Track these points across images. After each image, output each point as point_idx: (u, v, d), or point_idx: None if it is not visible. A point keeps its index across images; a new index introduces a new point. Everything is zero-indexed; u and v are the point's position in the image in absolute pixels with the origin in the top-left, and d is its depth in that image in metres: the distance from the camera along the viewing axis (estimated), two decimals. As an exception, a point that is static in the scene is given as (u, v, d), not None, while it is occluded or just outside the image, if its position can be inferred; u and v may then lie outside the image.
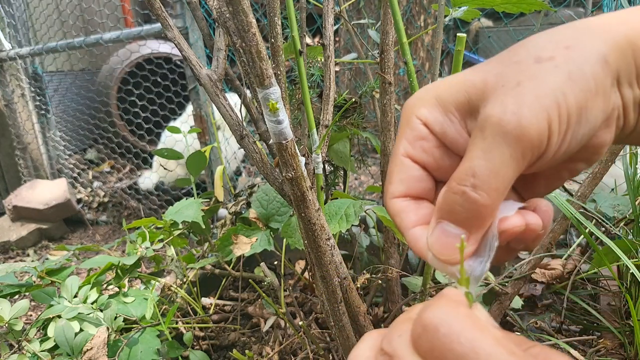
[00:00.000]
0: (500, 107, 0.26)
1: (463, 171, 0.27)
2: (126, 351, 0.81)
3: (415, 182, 0.32)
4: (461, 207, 0.27)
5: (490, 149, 0.26)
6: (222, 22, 0.61)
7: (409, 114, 0.31)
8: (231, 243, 0.98)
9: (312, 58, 0.93)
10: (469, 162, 0.27)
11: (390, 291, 0.94)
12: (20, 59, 2.28)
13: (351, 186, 2.41)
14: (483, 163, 0.26)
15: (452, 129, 0.30)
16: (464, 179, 0.27)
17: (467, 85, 0.29)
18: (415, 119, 0.31)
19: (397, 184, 0.32)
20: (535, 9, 0.77)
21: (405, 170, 0.31)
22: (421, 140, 0.31)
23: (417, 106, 0.31)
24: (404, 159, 0.31)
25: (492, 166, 0.26)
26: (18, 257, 2.09)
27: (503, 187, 0.27)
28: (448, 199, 0.28)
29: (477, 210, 0.27)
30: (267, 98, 0.46)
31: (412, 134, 0.31)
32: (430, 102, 0.30)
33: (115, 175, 2.99)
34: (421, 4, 2.77)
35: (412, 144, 0.31)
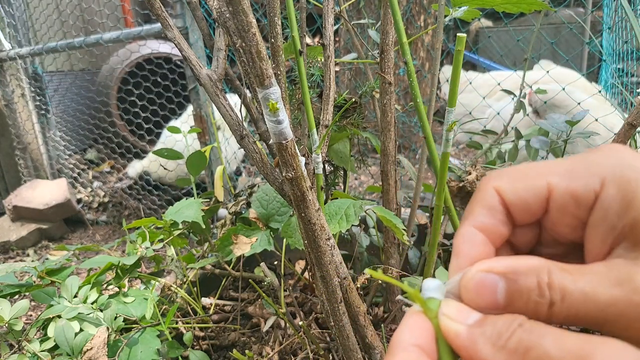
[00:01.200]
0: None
1: (561, 283, 0.24)
2: (126, 351, 0.81)
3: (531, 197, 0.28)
4: (526, 297, 0.25)
5: (607, 311, 0.23)
6: (222, 22, 0.61)
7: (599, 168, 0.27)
8: (231, 243, 0.98)
9: (312, 58, 0.93)
10: (575, 285, 0.24)
11: (390, 291, 0.94)
12: (20, 59, 2.28)
13: (351, 186, 2.41)
14: (583, 305, 0.24)
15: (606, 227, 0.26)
16: (554, 289, 0.24)
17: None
18: (596, 179, 0.26)
19: (510, 184, 0.29)
20: (535, 9, 0.77)
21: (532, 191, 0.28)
22: (573, 200, 0.27)
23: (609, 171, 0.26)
24: (543, 185, 0.28)
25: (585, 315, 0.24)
26: (18, 257, 2.09)
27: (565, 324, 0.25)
28: (528, 279, 0.25)
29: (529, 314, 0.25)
30: (267, 98, 0.46)
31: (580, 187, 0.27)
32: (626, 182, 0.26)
33: (115, 175, 2.99)
34: (421, 4, 2.77)
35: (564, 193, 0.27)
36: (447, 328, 0.25)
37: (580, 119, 1.06)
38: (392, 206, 0.89)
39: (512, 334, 0.23)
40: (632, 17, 0.84)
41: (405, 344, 0.25)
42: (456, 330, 0.25)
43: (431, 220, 1.07)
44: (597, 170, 0.27)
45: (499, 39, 4.03)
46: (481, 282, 0.26)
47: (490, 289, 0.26)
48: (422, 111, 0.59)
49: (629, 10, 0.82)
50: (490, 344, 0.24)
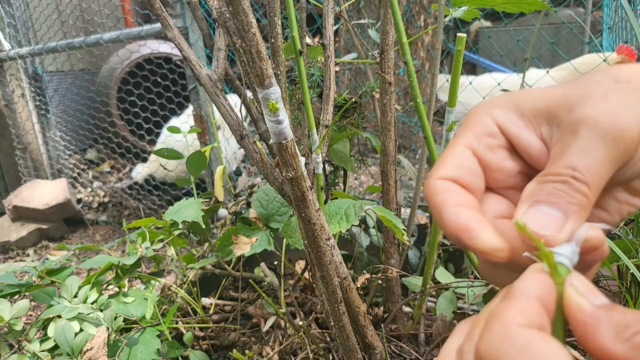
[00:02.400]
0: (594, 111, 0.28)
1: (561, 165, 0.28)
2: (126, 351, 0.81)
3: (468, 174, 0.31)
4: (564, 192, 0.28)
5: (588, 148, 0.27)
6: (222, 22, 0.61)
7: (480, 113, 0.32)
8: (231, 243, 0.98)
9: (312, 58, 0.93)
10: (565, 159, 0.28)
11: (390, 291, 0.94)
12: (20, 59, 2.28)
13: (351, 186, 2.41)
14: (582, 159, 0.27)
15: (526, 133, 0.31)
16: (562, 172, 0.28)
17: (545, 96, 0.30)
18: (487, 117, 0.32)
19: (450, 169, 0.31)
20: (535, 8, 0.77)
21: (463, 160, 0.31)
22: (489, 137, 0.32)
23: (491, 107, 0.32)
24: (465, 149, 0.32)
25: (591, 162, 0.27)
26: (18, 257, 2.09)
27: (600, 184, 0.28)
28: (547, 186, 0.28)
29: (580, 198, 0.27)
30: (267, 98, 0.46)
31: (480, 129, 0.32)
32: (506, 105, 0.32)
33: (115, 175, 2.99)
34: (421, 4, 2.77)
35: (479, 138, 0.32)
36: (572, 299, 0.25)
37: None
38: (392, 206, 0.89)
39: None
40: (632, 17, 0.84)
41: (528, 293, 0.25)
42: (580, 304, 0.25)
43: (431, 220, 1.07)
44: (478, 114, 0.32)
45: (499, 39, 4.03)
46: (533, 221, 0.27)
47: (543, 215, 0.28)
48: (422, 111, 0.59)
49: (629, 10, 0.82)
50: (614, 331, 0.23)
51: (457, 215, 0.29)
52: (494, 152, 0.32)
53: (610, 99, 0.28)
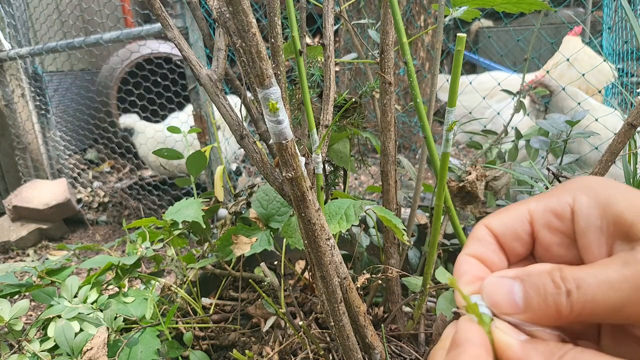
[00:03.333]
0: None
1: (574, 275, 0.26)
2: (126, 351, 0.81)
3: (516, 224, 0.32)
4: (543, 292, 0.27)
5: (619, 288, 0.25)
6: (222, 22, 0.61)
7: (567, 189, 0.30)
8: (231, 243, 0.98)
9: (312, 58, 0.93)
10: (586, 273, 0.26)
11: (390, 291, 0.94)
12: (20, 59, 2.28)
13: (351, 186, 2.41)
14: (597, 288, 0.26)
15: (594, 238, 0.29)
16: (568, 280, 0.26)
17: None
18: (568, 196, 0.30)
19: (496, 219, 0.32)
20: (535, 8, 0.77)
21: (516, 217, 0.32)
22: (555, 217, 0.30)
23: (580, 190, 0.30)
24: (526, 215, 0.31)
25: (602, 298, 0.26)
26: (18, 257, 2.09)
27: (592, 318, 0.26)
28: (541, 277, 0.27)
29: (551, 309, 0.27)
30: (267, 98, 0.46)
31: (552, 204, 0.30)
32: (595, 197, 0.29)
33: (115, 175, 2.99)
34: (421, 4, 2.77)
35: (544, 213, 0.31)
36: (500, 339, 0.27)
37: (581, 118, 1.06)
38: (392, 206, 0.89)
39: (566, 353, 0.25)
40: (632, 17, 0.84)
41: (473, 342, 0.27)
42: (508, 342, 0.27)
43: (431, 220, 1.07)
44: (566, 189, 0.30)
45: (499, 39, 4.03)
46: (498, 285, 0.28)
47: (507, 291, 0.28)
48: (422, 111, 0.59)
49: (629, 10, 0.82)
50: (544, 358, 0.25)
51: (462, 263, 0.32)
52: (551, 233, 0.31)
53: None
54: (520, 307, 0.27)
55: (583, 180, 0.30)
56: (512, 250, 0.32)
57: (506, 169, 0.95)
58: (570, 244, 0.30)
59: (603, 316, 0.26)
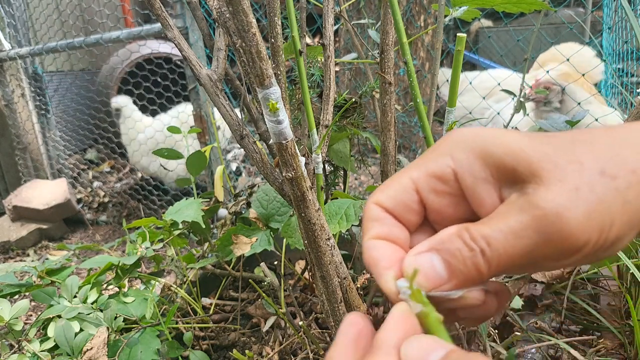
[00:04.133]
0: (551, 203, 0.26)
1: (482, 233, 0.27)
2: (126, 351, 0.81)
3: (402, 209, 0.32)
4: (463, 259, 0.28)
5: (519, 235, 0.26)
6: (222, 22, 0.61)
7: (443, 149, 0.31)
8: (231, 243, 0.98)
9: (312, 58, 0.93)
10: (492, 229, 0.27)
11: (390, 291, 0.94)
12: (20, 59, 2.28)
13: (351, 186, 2.41)
14: (503, 242, 0.27)
15: (482, 189, 0.29)
16: (478, 240, 0.27)
17: (520, 154, 0.28)
18: (447, 158, 0.30)
19: (388, 198, 0.32)
20: (535, 8, 0.77)
21: (403, 193, 0.31)
22: (438, 182, 0.31)
23: (457, 147, 0.30)
24: (410, 183, 0.31)
25: (510, 249, 0.26)
26: (18, 257, 2.09)
27: (503, 270, 0.27)
28: (454, 243, 0.28)
29: (473, 273, 0.27)
30: (267, 98, 0.46)
31: (434, 169, 0.31)
32: (473, 150, 0.29)
33: (115, 175, 2.99)
34: (421, 4, 2.77)
35: (427, 179, 0.31)
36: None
37: (581, 118, 1.06)
38: (392, 206, 0.89)
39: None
40: (632, 17, 0.84)
41: (388, 345, 0.27)
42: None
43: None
44: (441, 149, 0.31)
45: (499, 39, 4.03)
46: (418, 264, 0.28)
47: (429, 266, 0.28)
48: (422, 111, 0.59)
49: (629, 10, 0.82)
50: None
51: (372, 248, 0.31)
52: (439, 197, 0.31)
53: (578, 197, 0.26)
54: (444, 277, 0.28)
55: (455, 135, 0.31)
56: (408, 222, 0.32)
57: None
58: (460, 202, 0.31)
59: (519, 265, 0.27)
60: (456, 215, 0.31)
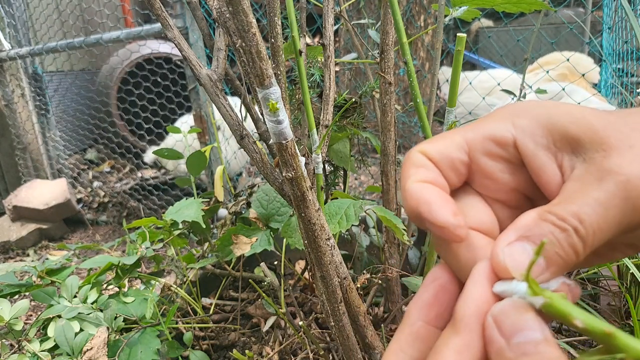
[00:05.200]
0: (629, 168, 0.25)
1: (569, 211, 0.26)
2: (126, 351, 0.81)
3: (447, 166, 0.30)
4: (558, 242, 0.26)
5: (606, 205, 0.25)
6: (222, 22, 0.61)
7: (504, 114, 0.30)
8: (231, 243, 0.98)
9: (312, 58, 0.93)
10: (577, 204, 0.26)
11: (390, 291, 0.94)
12: (20, 59, 2.28)
13: (351, 186, 2.41)
14: (594, 215, 0.25)
15: (543, 155, 0.28)
16: (568, 219, 0.25)
17: (582, 121, 0.27)
18: (508, 123, 0.29)
19: (436, 151, 0.30)
20: (535, 8, 0.77)
21: (453, 150, 0.30)
22: (495, 145, 0.29)
23: (519, 114, 0.29)
24: (463, 143, 0.30)
25: (602, 222, 0.25)
26: (18, 257, 2.09)
27: (598, 245, 0.26)
28: (545, 226, 0.26)
29: (571, 255, 0.26)
30: (267, 98, 0.46)
31: (492, 131, 0.29)
32: (537, 117, 0.29)
33: (115, 175, 2.99)
34: (421, 4, 2.77)
35: (483, 141, 0.29)
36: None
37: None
38: (392, 206, 0.89)
39: None
40: (632, 17, 0.84)
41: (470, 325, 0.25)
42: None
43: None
44: (501, 115, 0.30)
45: (499, 39, 4.03)
46: (515, 255, 0.26)
47: (525, 257, 0.26)
48: (422, 111, 0.59)
49: (629, 10, 0.82)
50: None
51: (421, 189, 0.28)
52: (493, 161, 0.30)
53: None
54: (543, 266, 0.26)
55: (517, 105, 0.30)
56: (448, 180, 0.30)
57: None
58: (515, 169, 0.30)
59: (611, 238, 0.26)
60: (507, 183, 0.30)
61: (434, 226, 0.28)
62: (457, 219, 0.27)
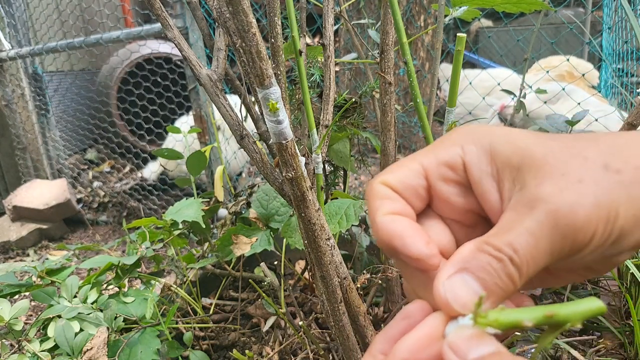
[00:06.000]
0: (559, 197, 0.26)
1: (504, 241, 0.27)
2: (126, 351, 0.81)
3: (410, 193, 0.31)
4: (495, 272, 0.27)
5: (539, 235, 0.26)
6: (222, 22, 0.61)
7: (454, 139, 0.31)
8: (231, 243, 0.98)
9: (312, 58, 0.93)
10: (511, 234, 0.27)
11: (390, 291, 0.94)
12: (20, 59, 2.28)
13: (351, 186, 2.41)
14: (526, 245, 0.26)
15: (487, 182, 0.30)
16: (503, 249, 0.27)
17: (525, 151, 0.28)
18: (457, 148, 0.31)
19: (396, 180, 0.31)
20: (535, 8, 0.77)
21: (412, 178, 0.31)
22: (448, 169, 0.31)
23: (467, 139, 0.31)
24: (419, 169, 0.31)
25: (534, 251, 0.26)
26: (18, 257, 2.09)
27: (534, 272, 0.27)
28: (482, 257, 0.27)
29: (508, 284, 0.27)
30: (267, 98, 0.46)
31: (444, 156, 0.31)
32: (483, 145, 0.30)
33: (115, 175, 2.99)
34: (421, 4, 2.77)
35: (437, 166, 0.31)
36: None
37: (580, 119, 1.06)
38: (392, 206, 0.89)
39: None
40: (632, 17, 0.84)
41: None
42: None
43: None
44: (453, 140, 0.31)
45: (499, 39, 4.03)
46: (455, 288, 0.27)
47: (466, 290, 0.27)
48: (422, 111, 0.59)
49: (629, 10, 0.82)
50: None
51: (391, 222, 0.30)
52: (448, 185, 0.31)
53: (583, 189, 0.26)
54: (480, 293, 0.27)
55: (467, 129, 0.31)
56: (413, 206, 0.32)
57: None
58: (466, 192, 0.31)
59: (548, 264, 0.27)
60: (461, 205, 0.31)
61: (408, 259, 0.29)
62: (430, 248, 0.29)
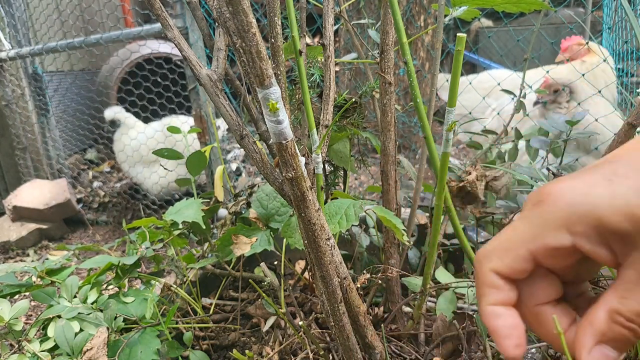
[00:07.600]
0: None
1: (630, 310, 0.31)
2: (126, 351, 0.81)
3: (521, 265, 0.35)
4: (627, 339, 0.32)
5: None
6: (222, 22, 0.61)
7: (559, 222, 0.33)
8: (231, 243, 0.98)
9: (312, 58, 0.93)
10: (637, 302, 0.31)
11: (390, 291, 0.94)
12: (20, 59, 2.28)
13: (351, 186, 2.41)
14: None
15: (599, 249, 0.32)
16: (635, 320, 0.31)
17: (633, 218, 0.30)
18: (564, 234, 0.33)
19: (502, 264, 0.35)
20: (535, 8, 0.77)
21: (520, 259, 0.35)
22: (556, 251, 0.34)
23: (574, 221, 0.32)
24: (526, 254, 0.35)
25: None
26: (18, 257, 2.09)
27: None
28: (616, 329, 0.32)
29: (632, 343, 0.32)
30: (267, 98, 0.46)
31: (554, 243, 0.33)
32: (588, 222, 0.32)
33: (115, 175, 2.99)
34: (421, 4, 2.77)
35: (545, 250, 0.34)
36: None
37: (580, 119, 1.06)
38: (392, 206, 0.89)
39: None
40: (632, 17, 0.84)
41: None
42: None
43: (431, 220, 1.07)
44: (558, 223, 0.33)
45: (499, 39, 4.02)
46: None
47: (603, 358, 0.32)
48: (422, 111, 0.59)
49: (629, 10, 0.82)
50: None
51: (494, 318, 0.35)
52: (557, 261, 0.34)
53: None
54: (616, 356, 0.32)
55: (564, 203, 0.33)
56: (519, 279, 0.36)
57: (506, 169, 0.95)
58: (574, 265, 0.35)
59: None
60: (572, 266, 0.35)
61: (499, 349, 0.35)
62: (516, 351, 0.34)
